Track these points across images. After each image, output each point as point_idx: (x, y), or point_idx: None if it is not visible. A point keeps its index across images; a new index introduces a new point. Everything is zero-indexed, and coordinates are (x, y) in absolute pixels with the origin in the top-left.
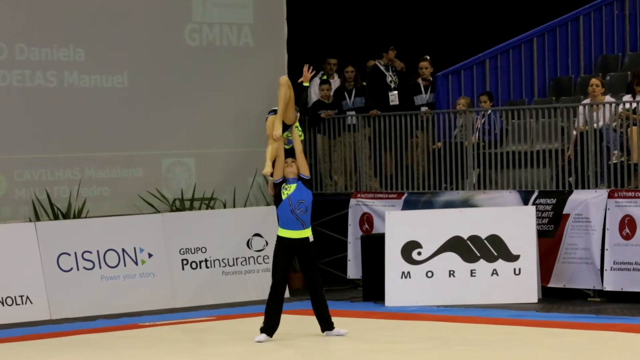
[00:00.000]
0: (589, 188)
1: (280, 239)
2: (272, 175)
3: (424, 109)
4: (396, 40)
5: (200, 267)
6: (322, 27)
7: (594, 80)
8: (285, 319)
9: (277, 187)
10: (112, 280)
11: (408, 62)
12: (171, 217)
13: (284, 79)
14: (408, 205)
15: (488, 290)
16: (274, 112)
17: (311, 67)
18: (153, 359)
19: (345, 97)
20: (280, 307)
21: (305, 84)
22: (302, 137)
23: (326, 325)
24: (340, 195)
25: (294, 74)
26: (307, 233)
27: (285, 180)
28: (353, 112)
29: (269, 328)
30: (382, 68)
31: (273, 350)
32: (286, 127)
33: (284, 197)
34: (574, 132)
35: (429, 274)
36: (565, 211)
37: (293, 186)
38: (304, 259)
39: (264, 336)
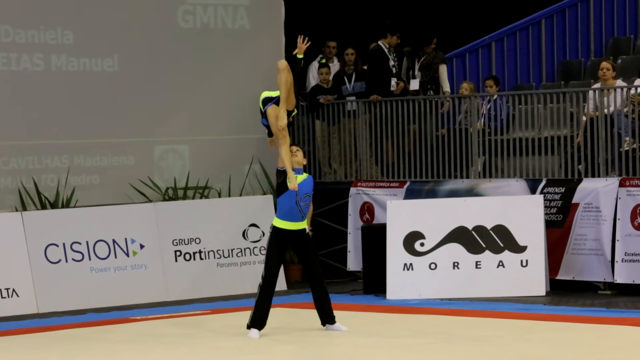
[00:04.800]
0: (599, 176)
1: (276, 230)
2: (282, 176)
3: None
4: (399, 24)
5: (194, 259)
6: (321, 8)
7: (604, 64)
8: (283, 313)
9: (282, 174)
10: (102, 273)
11: (412, 45)
12: (164, 207)
13: (283, 63)
14: (410, 195)
15: (494, 282)
16: (270, 101)
17: (306, 39)
18: (145, 354)
19: (345, 81)
20: (271, 301)
21: (299, 56)
22: (295, 113)
23: (327, 318)
24: (339, 184)
25: (291, 57)
26: (305, 224)
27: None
28: (353, 98)
29: (260, 322)
30: (385, 50)
31: (270, 345)
32: (289, 114)
33: (289, 187)
34: (584, 118)
35: (432, 266)
36: (574, 200)
37: (300, 177)
38: (302, 250)
39: (256, 332)
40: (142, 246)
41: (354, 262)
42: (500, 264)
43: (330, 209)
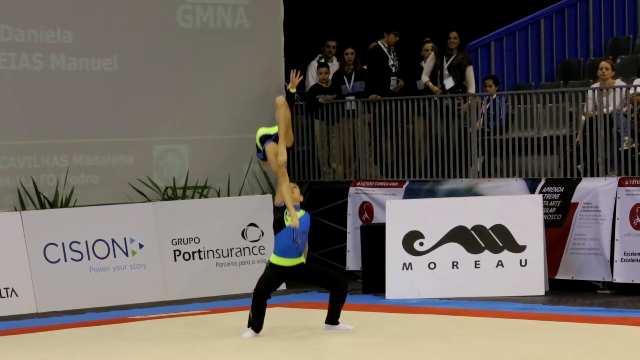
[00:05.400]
0: (598, 176)
1: (273, 266)
2: (278, 207)
3: (428, 84)
4: (397, 23)
5: (194, 258)
6: (320, 7)
7: (603, 64)
8: (282, 313)
9: (279, 211)
10: (102, 272)
11: (411, 45)
12: (163, 206)
13: (281, 99)
14: (410, 194)
15: (493, 282)
16: (269, 138)
17: (299, 72)
18: (144, 353)
19: (344, 81)
20: (265, 307)
21: (292, 91)
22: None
23: (331, 318)
24: (338, 183)
25: (290, 57)
26: (302, 259)
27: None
28: (352, 97)
29: (256, 325)
30: (384, 50)
31: (268, 344)
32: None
33: (287, 223)
34: (583, 118)
35: (432, 266)
36: (573, 200)
37: (298, 214)
38: (303, 278)
39: (251, 332)
40: (141, 246)
41: (353, 261)
42: (500, 263)
43: (329, 208)
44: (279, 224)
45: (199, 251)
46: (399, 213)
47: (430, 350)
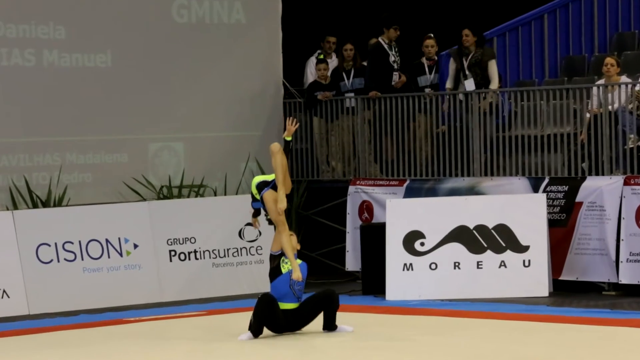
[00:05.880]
0: (603, 174)
1: None
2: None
3: (427, 90)
4: (397, 17)
5: (189, 259)
6: (319, 1)
7: (608, 60)
8: None
9: (275, 259)
10: (95, 273)
11: (412, 40)
12: (158, 206)
13: (277, 146)
14: (410, 193)
15: (495, 283)
16: (266, 185)
17: (295, 121)
18: (139, 356)
19: (343, 77)
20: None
21: (288, 139)
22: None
23: (327, 324)
24: (338, 182)
25: (288, 53)
26: (299, 305)
27: (283, 253)
28: (352, 94)
29: (255, 331)
30: (385, 46)
31: (266, 347)
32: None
33: (283, 270)
34: (588, 115)
35: (433, 266)
36: (578, 199)
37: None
38: (299, 320)
39: (248, 335)
40: (135, 246)
41: (352, 262)
42: (502, 264)
43: (328, 207)
44: (275, 272)
45: (195, 251)
46: (400, 212)
47: (431, 353)
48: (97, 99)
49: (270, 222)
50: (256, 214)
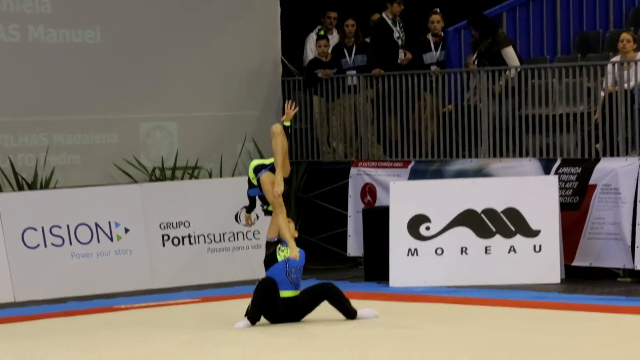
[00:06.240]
0: (618, 156)
1: None
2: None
3: (433, 68)
4: None
5: (183, 244)
6: None
7: (624, 35)
8: None
9: (272, 246)
10: (84, 258)
11: (417, 15)
12: (150, 188)
13: (278, 127)
14: (415, 175)
15: (505, 269)
16: (264, 168)
17: (294, 104)
18: (130, 345)
19: (345, 54)
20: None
21: (287, 124)
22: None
23: (348, 315)
24: (339, 163)
25: (287, 29)
26: (297, 292)
27: (280, 240)
28: (354, 72)
29: (254, 317)
30: (389, 22)
31: (264, 335)
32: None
33: (280, 258)
34: (602, 94)
35: (439, 251)
36: (591, 181)
37: None
38: (298, 310)
39: (245, 322)
40: (126, 230)
41: (354, 247)
42: (512, 249)
43: (329, 190)
44: (270, 260)
45: (189, 236)
46: (404, 195)
47: (436, 342)
48: (86, 77)
49: (266, 212)
50: (250, 208)
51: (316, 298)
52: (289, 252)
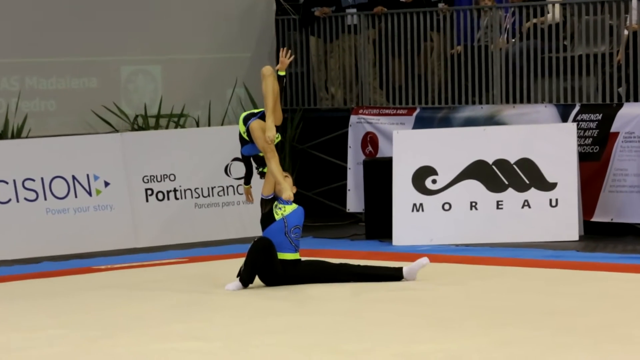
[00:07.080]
0: None
1: None
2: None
3: (441, 5)
4: None
5: (168, 199)
6: None
7: None
8: None
9: (267, 204)
10: (60, 215)
11: None
12: (132, 138)
13: (269, 69)
14: (421, 123)
15: (518, 225)
16: (253, 116)
17: (289, 52)
18: (110, 309)
19: None
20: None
21: (281, 74)
22: (279, 138)
23: (393, 277)
24: (338, 111)
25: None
26: (298, 255)
27: (276, 197)
28: (354, 10)
29: (247, 279)
30: None
31: (257, 299)
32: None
33: (277, 217)
34: (625, 32)
35: (446, 207)
36: (613, 129)
37: (289, 207)
38: (302, 276)
39: (236, 284)
40: (106, 184)
41: (354, 202)
42: (526, 203)
43: (327, 140)
44: (267, 219)
45: (175, 190)
46: (408, 145)
47: (444, 305)
48: (62, 14)
49: (262, 175)
50: (247, 178)
51: (326, 275)
52: (283, 192)
